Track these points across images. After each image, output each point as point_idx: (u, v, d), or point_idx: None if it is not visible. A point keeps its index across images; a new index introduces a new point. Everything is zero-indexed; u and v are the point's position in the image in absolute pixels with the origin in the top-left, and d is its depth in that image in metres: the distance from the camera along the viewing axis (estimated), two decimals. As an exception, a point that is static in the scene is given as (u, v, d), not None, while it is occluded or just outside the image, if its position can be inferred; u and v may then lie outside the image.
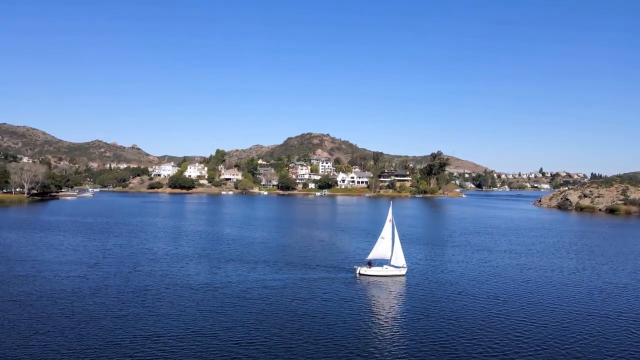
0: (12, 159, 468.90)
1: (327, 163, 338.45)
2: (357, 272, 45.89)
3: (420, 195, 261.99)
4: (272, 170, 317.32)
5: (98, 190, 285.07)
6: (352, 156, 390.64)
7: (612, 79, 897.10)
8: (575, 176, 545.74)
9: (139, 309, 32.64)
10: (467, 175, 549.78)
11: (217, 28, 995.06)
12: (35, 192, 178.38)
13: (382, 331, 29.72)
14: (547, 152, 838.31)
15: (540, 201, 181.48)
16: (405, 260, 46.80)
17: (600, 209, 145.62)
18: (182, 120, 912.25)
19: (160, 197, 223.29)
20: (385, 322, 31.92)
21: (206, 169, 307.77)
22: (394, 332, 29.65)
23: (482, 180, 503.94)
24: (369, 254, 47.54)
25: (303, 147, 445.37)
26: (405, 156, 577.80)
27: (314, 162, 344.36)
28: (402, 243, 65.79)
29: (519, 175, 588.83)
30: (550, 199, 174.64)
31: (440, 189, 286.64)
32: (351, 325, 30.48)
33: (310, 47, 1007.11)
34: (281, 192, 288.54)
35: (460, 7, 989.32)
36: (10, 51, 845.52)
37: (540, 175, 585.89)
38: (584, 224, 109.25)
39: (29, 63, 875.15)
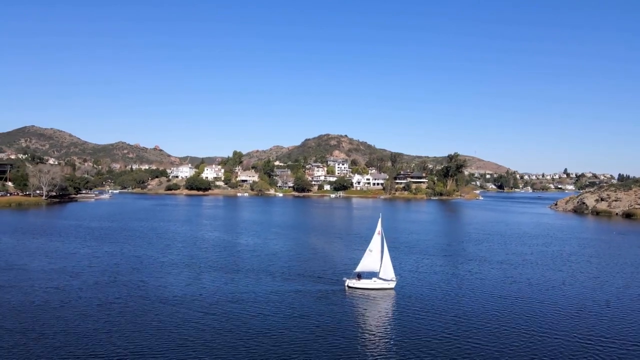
0: (38, 160, 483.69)
1: (343, 164, 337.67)
2: (346, 284, 45.34)
3: (436, 198, 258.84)
4: (289, 172, 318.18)
5: (117, 191, 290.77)
6: (370, 157, 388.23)
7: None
8: (602, 177, 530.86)
9: (98, 325, 32.81)
10: (488, 176, 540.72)
11: (239, 30, 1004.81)
12: (54, 194, 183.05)
13: (361, 349, 29.17)
14: (572, 152, 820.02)
15: (556, 204, 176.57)
16: (395, 272, 46.03)
17: (617, 214, 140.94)
18: (203, 121, 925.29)
19: (175, 199, 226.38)
20: (366, 339, 31.30)
21: (223, 170, 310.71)
22: (372, 350, 29.05)
23: (504, 182, 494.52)
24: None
25: (320, 148, 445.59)
26: (426, 157, 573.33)
27: (331, 163, 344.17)
28: (398, 252, 65.57)
29: (543, 176, 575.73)
30: (567, 202, 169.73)
31: (458, 190, 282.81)
32: (323, 346, 29.89)
33: (331, 47, 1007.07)
34: (296, 193, 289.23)
35: (479, 7, 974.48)
36: (37, 55, 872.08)
37: (565, 176, 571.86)
38: (593, 230, 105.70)
39: (55, 66, 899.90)
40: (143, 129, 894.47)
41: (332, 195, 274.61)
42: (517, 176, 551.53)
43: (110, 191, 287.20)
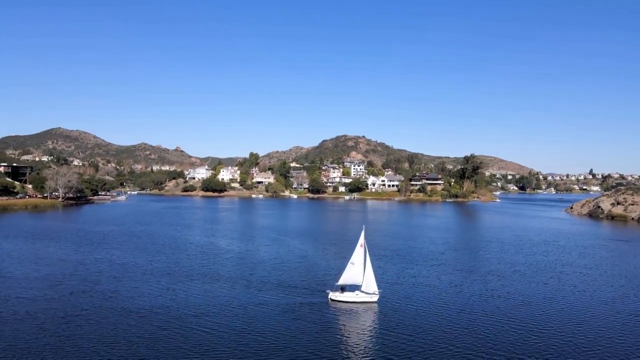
0: (63, 161, 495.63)
1: (359, 166, 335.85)
2: (329, 297, 44.88)
3: (452, 200, 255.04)
4: (305, 173, 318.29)
5: (135, 193, 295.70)
6: (387, 158, 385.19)
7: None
8: (630, 178, 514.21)
9: (51, 340, 32.95)
10: (510, 177, 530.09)
11: (260, 32, 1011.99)
12: (71, 196, 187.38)
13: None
14: (598, 152, 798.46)
15: (572, 208, 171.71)
16: (380, 284, 45.50)
17: (632, 218, 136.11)
18: (225, 122, 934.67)
19: (189, 200, 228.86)
20: (338, 358, 30.98)
21: (239, 172, 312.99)
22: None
23: (526, 183, 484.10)
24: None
25: (337, 149, 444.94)
26: (446, 157, 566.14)
27: (347, 164, 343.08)
28: (387, 261, 64.86)
29: (567, 176, 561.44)
30: (582, 205, 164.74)
31: (475, 192, 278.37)
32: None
33: (355, 48, 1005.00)
34: (311, 195, 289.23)
35: (503, 7, 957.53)
36: (63, 57, 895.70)
37: (591, 177, 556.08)
38: (601, 237, 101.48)
39: (84, 69, 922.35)
40: (165, 130, 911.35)
41: (346, 197, 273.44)
42: (540, 177, 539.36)
43: (129, 192, 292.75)
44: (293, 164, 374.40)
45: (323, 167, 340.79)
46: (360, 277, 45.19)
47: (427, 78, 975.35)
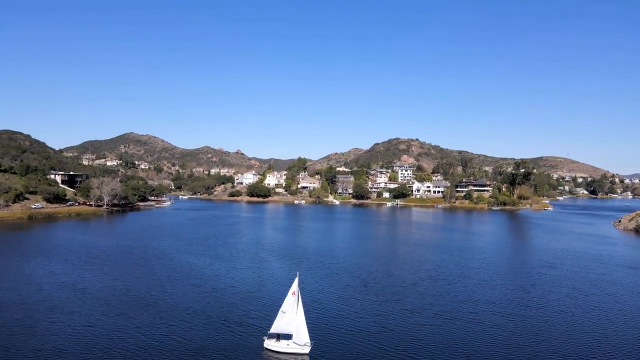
0: (131, 165, 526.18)
1: (407, 171, 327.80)
2: (264, 344, 43.16)
3: (499, 208, 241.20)
4: (351, 178, 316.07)
5: (186, 197, 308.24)
6: (439, 162, 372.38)
7: None
8: None
9: None
10: (580, 180, 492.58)
11: (324, 32, 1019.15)
12: (116, 203, 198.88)
13: None
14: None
15: (619, 221, 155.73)
16: (313, 331, 43.38)
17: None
18: (290, 123, 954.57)
19: (230, 207, 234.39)
20: None
21: (284, 177, 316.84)
22: None
23: (597, 186, 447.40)
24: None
25: (389, 152, 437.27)
26: (511, 158, 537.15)
27: (397, 169, 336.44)
28: (341, 294, 61.91)
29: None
30: (631, 219, 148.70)
31: (529, 198, 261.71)
32: None
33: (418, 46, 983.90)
34: (355, 201, 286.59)
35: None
36: (138, 66, 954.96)
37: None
38: (620, 263, 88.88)
39: (154, 78, 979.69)
40: (227, 131, 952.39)
41: (389, 204, 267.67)
42: (617, 180, 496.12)
43: (180, 197, 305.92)
44: (342, 168, 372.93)
45: (371, 172, 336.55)
46: (291, 327, 42.89)
47: (490, 78, 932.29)
